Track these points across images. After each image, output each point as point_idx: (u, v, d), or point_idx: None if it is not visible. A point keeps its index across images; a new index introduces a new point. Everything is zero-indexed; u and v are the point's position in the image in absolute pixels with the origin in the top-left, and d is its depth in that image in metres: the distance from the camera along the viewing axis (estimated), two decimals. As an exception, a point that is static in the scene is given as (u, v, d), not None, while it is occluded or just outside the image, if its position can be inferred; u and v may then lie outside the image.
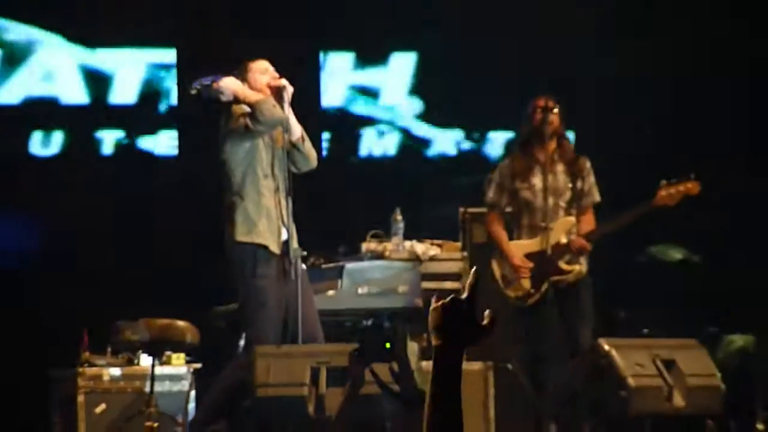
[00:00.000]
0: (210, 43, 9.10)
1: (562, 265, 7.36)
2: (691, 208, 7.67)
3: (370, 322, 6.88)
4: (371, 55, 10.15)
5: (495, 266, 7.60)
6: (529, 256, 7.41)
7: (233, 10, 9.31)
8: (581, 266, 7.35)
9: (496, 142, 10.01)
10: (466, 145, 10.27)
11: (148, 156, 9.83)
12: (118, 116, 9.85)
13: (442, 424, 2.55)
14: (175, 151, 9.70)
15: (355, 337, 7.03)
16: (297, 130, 6.80)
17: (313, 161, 6.94)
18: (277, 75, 6.85)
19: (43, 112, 9.67)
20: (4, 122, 9.57)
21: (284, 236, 6.81)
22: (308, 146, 6.86)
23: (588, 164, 7.51)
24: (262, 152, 6.76)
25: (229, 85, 6.88)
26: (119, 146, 9.77)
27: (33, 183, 9.23)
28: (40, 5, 9.36)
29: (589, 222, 7.35)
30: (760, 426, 8.04)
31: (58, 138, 9.67)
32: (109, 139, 9.77)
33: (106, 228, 8.94)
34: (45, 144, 9.70)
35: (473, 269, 2.95)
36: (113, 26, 9.42)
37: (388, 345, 6.16)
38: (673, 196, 7.30)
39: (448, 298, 2.59)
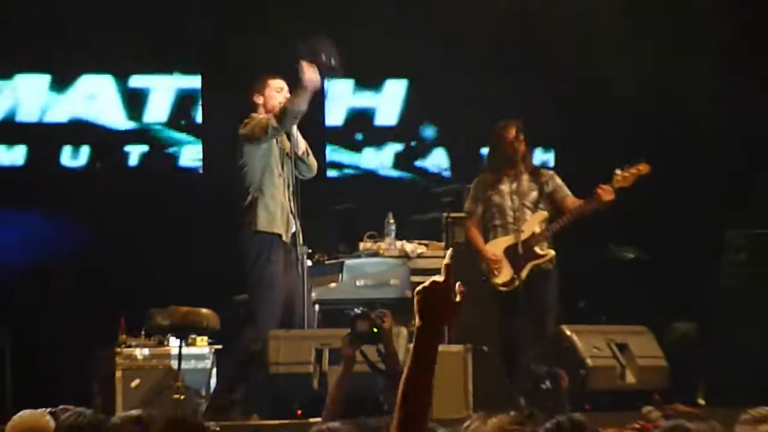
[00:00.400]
0: (230, 70, 9.43)
1: (538, 250, 7.72)
2: (645, 215, 8.24)
3: (359, 311, 7.06)
4: (368, 82, 10.56)
5: (482, 265, 7.97)
6: (507, 249, 7.75)
7: (250, 43, 9.51)
8: (551, 251, 7.74)
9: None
10: (452, 161, 10.59)
11: (175, 168, 10.29)
12: (150, 133, 10.23)
13: (414, 399, 2.61)
14: (198, 164, 10.11)
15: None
16: (302, 144, 7.30)
17: (314, 170, 7.46)
18: (280, 84, 7.36)
19: (84, 130, 10.04)
20: (54, 138, 9.99)
21: (293, 228, 7.31)
22: (311, 159, 7.39)
23: (550, 172, 7.95)
24: (276, 154, 7.22)
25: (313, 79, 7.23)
26: (148, 159, 10.22)
27: (76, 191, 9.61)
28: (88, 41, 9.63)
29: (575, 201, 7.76)
30: (700, 400, 8.33)
31: (97, 152, 10.09)
32: (138, 152, 10.22)
33: (141, 230, 9.28)
34: (84, 157, 10.12)
35: (449, 250, 3.27)
36: (148, 56, 9.84)
37: (375, 330, 6.33)
38: (627, 178, 7.65)
39: (428, 281, 2.66)
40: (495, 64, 9.92)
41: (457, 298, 2.58)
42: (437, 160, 10.68)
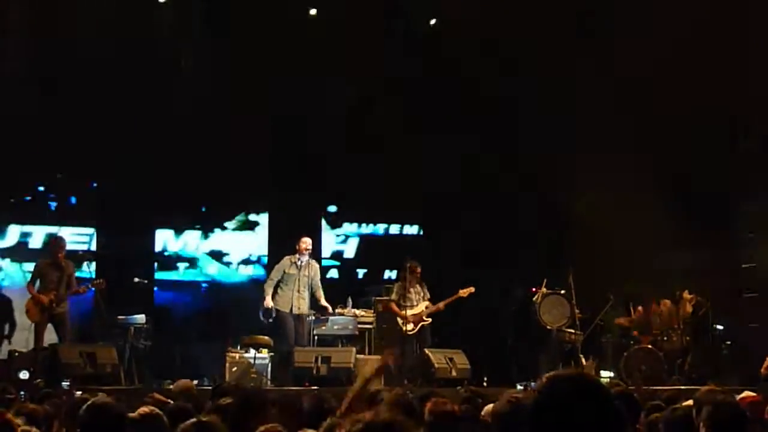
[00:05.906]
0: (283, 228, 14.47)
1: (423, 318, 12.66)
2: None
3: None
4: (340, 233, 15.97)
5: (399, 322, 12.62)
6: (413, 315, 12.64)
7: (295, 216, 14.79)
8: (429, 319, 12.59)
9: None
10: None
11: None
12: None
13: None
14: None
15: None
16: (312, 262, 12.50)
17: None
18: (308, 241, 12.49)
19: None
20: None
21: (296, 307, 12.09)
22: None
23: (425, 285, 12.81)
24: (291, 273, 12.24)
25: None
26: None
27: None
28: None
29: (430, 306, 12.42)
30: (484, 383, 12.13)
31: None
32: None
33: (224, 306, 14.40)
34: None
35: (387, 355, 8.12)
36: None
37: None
38: (465, 292, 12.57)
39: (376, 365, 4.79)
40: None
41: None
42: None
